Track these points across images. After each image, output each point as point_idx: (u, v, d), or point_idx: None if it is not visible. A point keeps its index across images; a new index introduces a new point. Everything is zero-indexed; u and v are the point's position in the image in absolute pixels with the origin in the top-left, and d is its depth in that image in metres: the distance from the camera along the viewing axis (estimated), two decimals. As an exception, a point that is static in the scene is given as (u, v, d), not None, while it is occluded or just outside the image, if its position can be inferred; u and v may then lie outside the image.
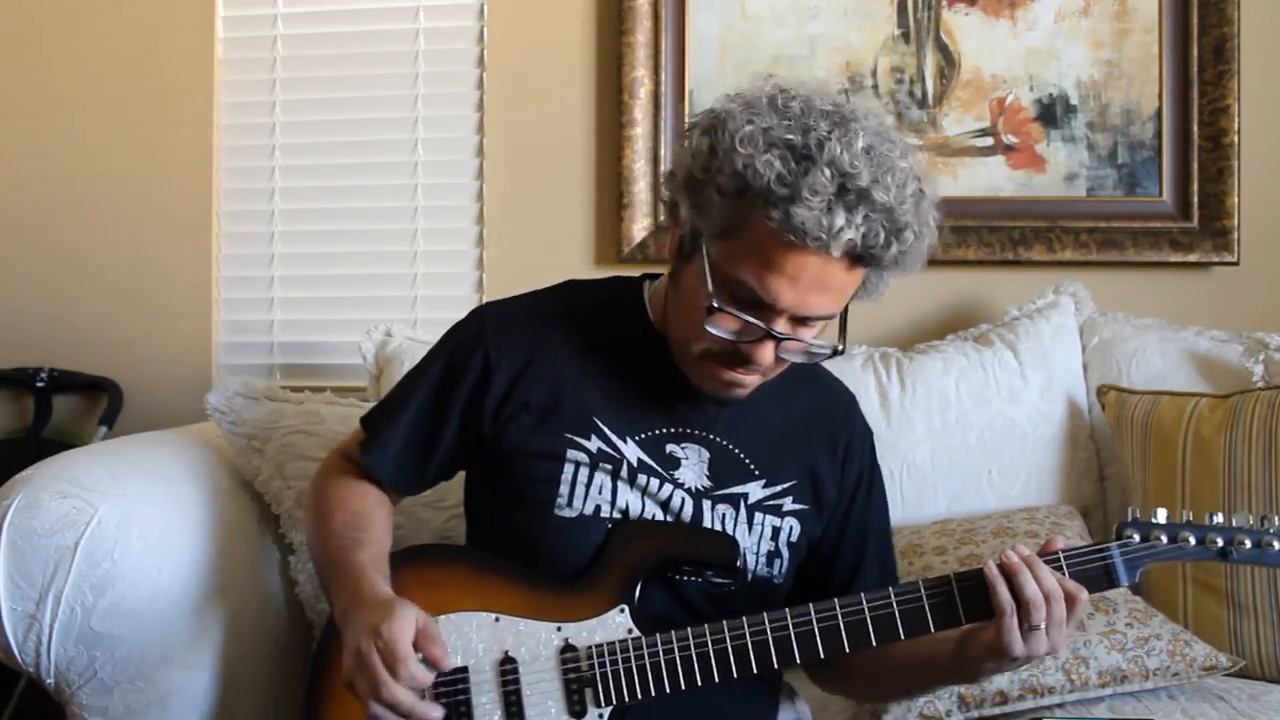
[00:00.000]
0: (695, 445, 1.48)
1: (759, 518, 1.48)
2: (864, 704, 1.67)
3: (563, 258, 2.47)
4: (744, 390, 1.42)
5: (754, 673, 1.35)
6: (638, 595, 1.40)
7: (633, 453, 1.45)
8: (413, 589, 1.38)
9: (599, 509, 1.44)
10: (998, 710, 1.62)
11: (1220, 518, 1.31)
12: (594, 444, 1.45)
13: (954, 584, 1.32)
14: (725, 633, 1.34)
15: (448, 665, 1.31)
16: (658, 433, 1.47)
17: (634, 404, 1.47)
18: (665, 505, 1.45)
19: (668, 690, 1.34)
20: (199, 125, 2.58)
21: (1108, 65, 2.34)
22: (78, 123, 2.63)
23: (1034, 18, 2.36)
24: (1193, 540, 1.30)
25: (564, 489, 1.44)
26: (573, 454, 1.44)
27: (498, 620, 1.38)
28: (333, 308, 2.57)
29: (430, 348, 1.56)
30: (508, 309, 1.55)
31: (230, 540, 1.76)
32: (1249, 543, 1.29)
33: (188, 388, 2.51)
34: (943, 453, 2.03)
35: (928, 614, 1.32)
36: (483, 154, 2.52)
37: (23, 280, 2.65)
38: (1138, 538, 1.31)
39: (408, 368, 1.59)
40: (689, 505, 1.45)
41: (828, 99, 1.32)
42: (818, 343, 1.37)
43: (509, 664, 1.36)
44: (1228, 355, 2.07)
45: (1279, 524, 1.30)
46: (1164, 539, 1.31)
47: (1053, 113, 2.35)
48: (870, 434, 1.61)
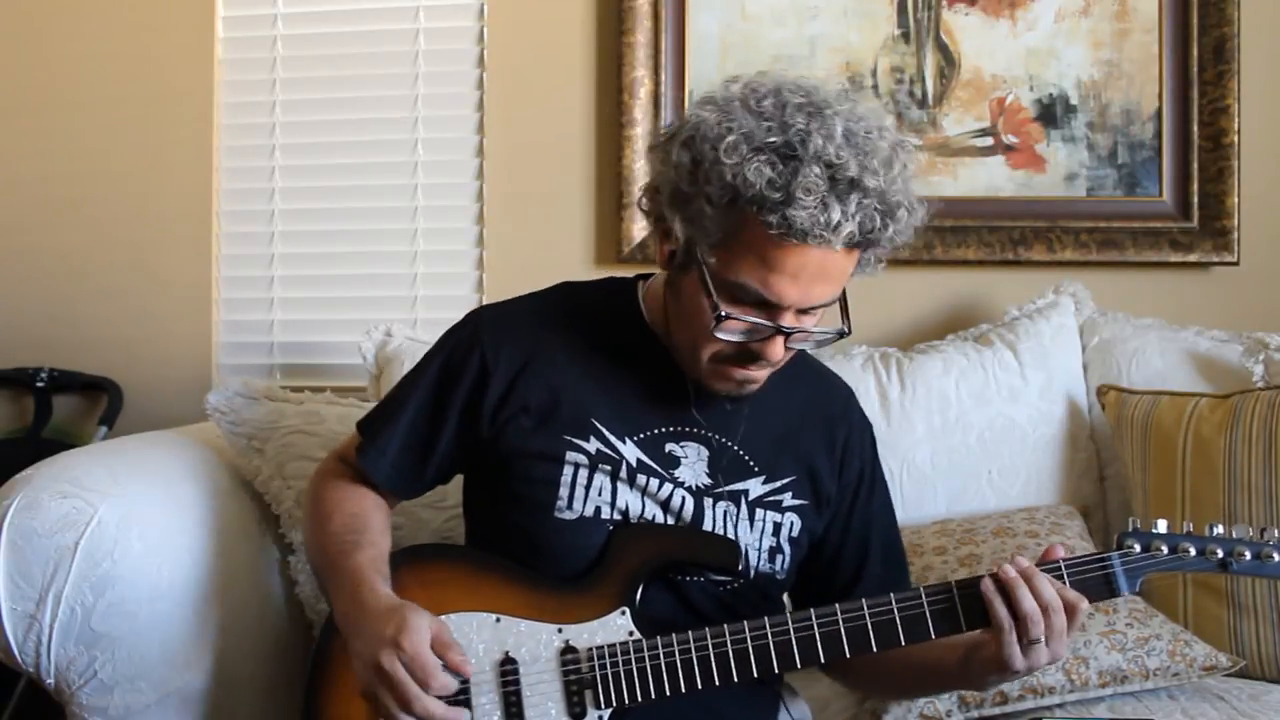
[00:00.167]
0: (694, 444, 1.48)
1: (760, 514, 1.48)
2: (868, 698, 1.67)
3: (563, 258, 2.47)
4: (757, 385, 1.42)
5: (754, 676, 1.35)
6: (639, 598, 1.40)
7: (632, 453, 1.45)
8: (413, 589, 1.39)
9: (599, 510, 1.44)
10: (998, 710, 1.62)
11: (1220, 528, 1.31)
12: (593, 445, 1.45)
13: (955, 591, 1.33)
14: (726, 636, 1.34)
15: (470, 671, 1.32)
16: (656, 432, 1.47)
17: (632, 404, 1.47)
18: (665, 505, 1.45)
19: (668, 693, 1.34)
20: (199, 125, 2.58)
21: (1108, 65, 2.34)
22: (78, 123, 2.63)
23: (1034, 18, 2.36)
24: (1193, 551, 1.31)
25: (564, 491, 1.44)
26: (572, 455, 1.44)
27: (498, 621, 1.39)
28: (333, 308, 2.57)
29: (426, 351, 1.56)
30: (503, 311, 1.55)
31: (230, 540, 1.76)
32: (1249, 554, 1.30)
33: (188, 388, 2.51)
34: (943, 453, 2.03)
35: (928, 621, 1.32)
36: (483, 154, 2.52)
37: (23, 280, 2.65)
38: (1138, 547, 1.32)
39: (408, 368, 1.58)
40: (689, 504, 1.45)
41: (795, 88, 1.31)
42: (823, 328, 1.38)
43: (509, 664, 1.36)
44: (1228, 355, 2.07)
45: (1278, 536, 1.30)
46: (1164, 549, 1.31)
47: (1053, 113, 2.35)
48: (869, 427, 1.61)
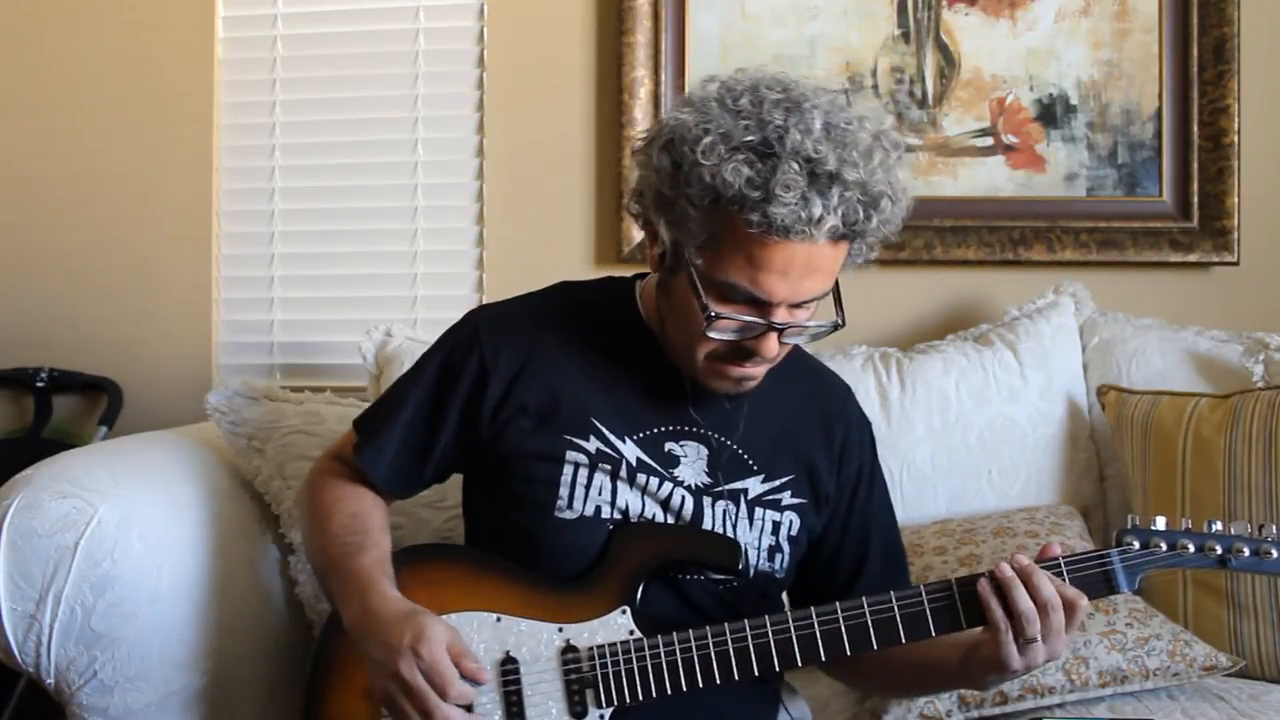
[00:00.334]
0: (693, 443, 1.48)
1: (759, 513, 1.48)
2: (868, 698, 1.67)
3: (563, 258, 2.47)
4: (754, 382, 1.42)
5: (755, 674, 1.35)
6: (639, 597, 1.40)
7: (631, 452, 1.45)
8: (413, 589, 1.39)
9: (599, 510, 1.44)
10: (998, 710, 1.62)
11: (1219, 525, 1.32)
12: (592, 445, 1.45)
13: (955, 589, 1.33)
14: (727, 634, 1.34)
15: (485, 678, 1.32)
16: (656, 431, 1.47)
17: (631, 404, 1.48)
18: (665, 504, 1.45)
19: (669, 691, 1.34)
20: (199, 125, 2.58)
21: (1108, 65, 2.34)
22: (78, 123, 2.63)
23: (1034, 18, 2.36)
24: (1191, 548, 1.31)
25: (564, 490, 1.44)
26: (572, 455, 1.44)
27: (499, 620, 1.39)
28: (333, 308, 2.57)
29: (425, 351, 1.55)
30: (502, 311, 1.55)
31: (230, 540, 1.76)
32: (1247, 550, 1.30)
33: (188, 388, 2.51)
34: (943, 453, 2.03)
35: (929, 619, 1.33)
36: (483, 154, 2.52)
37: (23, 280, 2.65)
38: (1137, 544, 1.32)
39: (407, 368, 1.58)
40: (689, 503, 1.45)
41: (773, 84, 1.31)
42: (817, 322, 1.38)
43: (510, 664, 1.37)
44: (1228, 355, 2.07)
45: (1276, 532, 1.30)
46: (1163, 546, 1.32)
47: (1053, 113, 2.35)
48: (868, 425, 1.61)
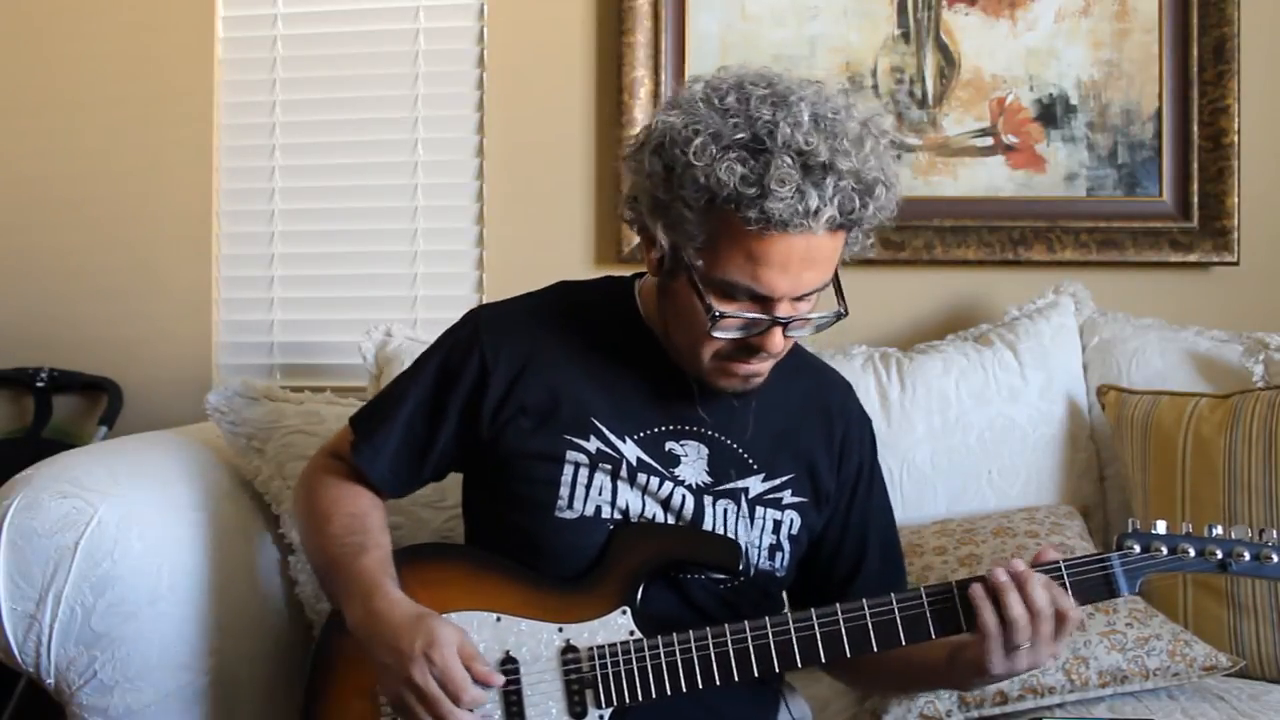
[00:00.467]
0: (694, 442, 1.48)
1: (760, 512, 1.48)
2: (867, 698, 1.67)
3: (563, 258, 2.47)
4: (761, 379, 1.42)
5: (755, 675, 1.35)
6: (639, 597, 1.40)
7: (632, 452, 1.45)
8: (413, 588, 1.39)
9: (599, 510, 1.44)
10: (998, 710, 1.62)
11: (1220, 529, 1.32)
12: (593, 445, 1.45)
13: (955, 591, 1.33)
14: (727, 635, 1.35)
15: (497, 681, 1.33)
16: (656, 431, 1.47)
17: (631, 403, 1.47)
18: (666, 504, 1.45)
19: (669, 692, 1.34)
20: (199, 125, 2.58)
21: (1108, 65, 2.34)
22: (78, 123, 2.63)
23: (1034, 18, 2.35)
24: (1192, 552, 1.31)
25: (564, 491, 1.44)
26: (572, 455, 1.44)
27: (499, 620, 1.39)
28: (333, 308, 2.57)
29: (424, 350, 1.55)
30: (502, 311, 1.55)
31: (230, 540, 1.76)
32: (1248, 555, 1.30)
33: (188, 388, 2.51)
34: (943, 453, 2.03)
35: (929, 621, 1.33)
36: (483, 154, 2.52)
37: (23, 280, 2.65)
38: (1138, 548, 1.32)
39: (407, 367, 1.58)
40: (690, 502, 1.45)
41: (757, 80, 1.31)
42: (820, 313, 1.38)
43: (510, 664, 1.37)
44: (1228, 355, 2.07)
45: (1277, 537, 1.31)
46: (1164, 550, 1.32)
47: (1053, 113, 2.35)
48: (868, 422, 1.61)
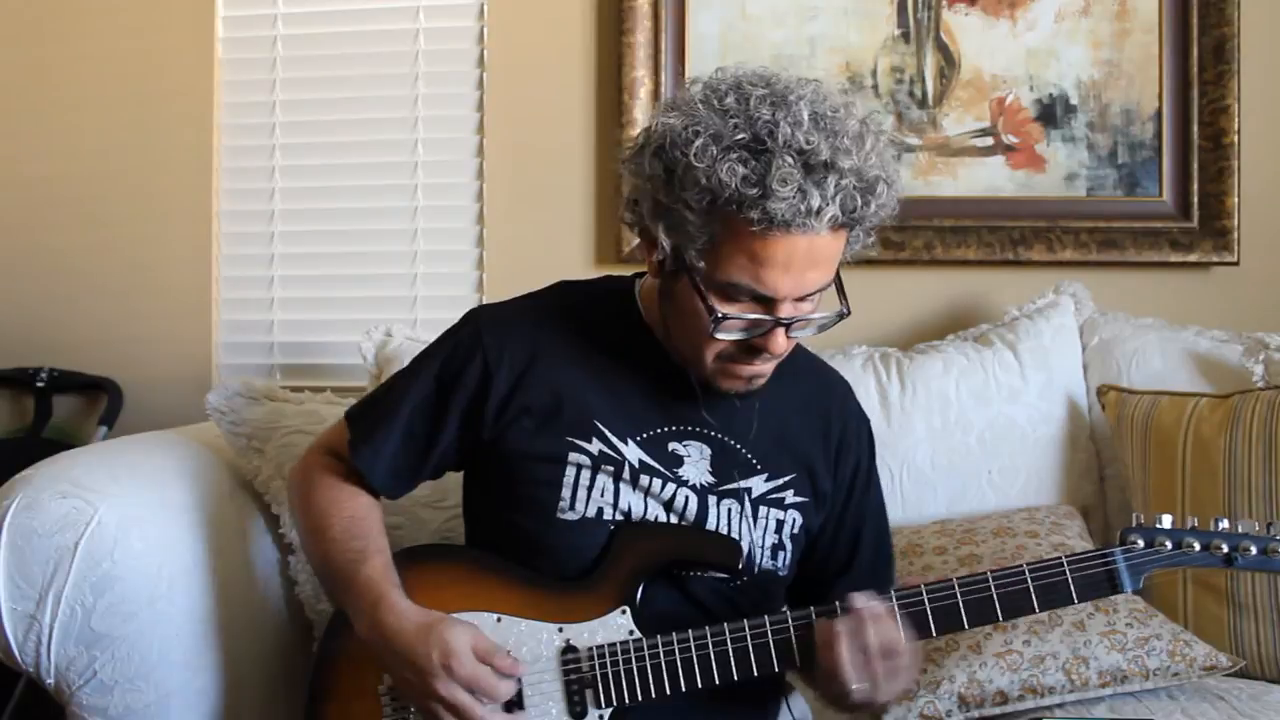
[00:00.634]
0: (697, 442, 1.48)
1: (763, 511, 1.48)
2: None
3: (563, 258, 2.47)
4: (764, 379, 1.42)
5: (754, 675, 1.35)
6: (640, 597, 1.40)
7: (634, 454, 1.45)
8: (414, 589, 1.39)
9: (601, 511, 1.44)
10: (998, 710, 1.62)
11: (1225, 524, 1.30)
12: (595, 446, 1.44)
13: (956, 590, 1.33)
14: (726, 635, 1.35)
15: (521, 670, 1.34)
16: (659, 431, 1.47)
17: (634, 404, 1.47)
18: (669, 505, 1.45)
19: (668, 692, 1.34)
20: (199, 125, 2.58)
21: (1108, 65, 2.34)
22: (78, 123, 2.62)
23: (1034, 18, 2.36)
24: (1197, 546, 1.30)
25: (566, 492, 1.44)
26: (574, 457, 1.44)
27: (499, 620, 1.39)
28: (333, 308, 2.57)
29: (423, 349, 1.55)
30: (502, 312, 1.55)
31: (230, 540, 1.76)
32: (1254, 549, 1.28)
33: (188, 388, 2.51)
34: (943, 453, 2.03)
35: (929, 620, 1.33)
36: (483, 154, 2.52)
37: (23, 280, 2.65)
38: (1142, 543, 1.31)
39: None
40: (694, 502, 1.45)
41: (755, 80, 1.31)
42: (822, 313, 1.38)
43: (510, 664, 1.37)
44: (1228, 355, 2.07)
45: (1284, 531, 1.29)
46: (1168, 545, 1.30)
47: (1053, 113, 2.35)
48: (866, 421, 1.61)
